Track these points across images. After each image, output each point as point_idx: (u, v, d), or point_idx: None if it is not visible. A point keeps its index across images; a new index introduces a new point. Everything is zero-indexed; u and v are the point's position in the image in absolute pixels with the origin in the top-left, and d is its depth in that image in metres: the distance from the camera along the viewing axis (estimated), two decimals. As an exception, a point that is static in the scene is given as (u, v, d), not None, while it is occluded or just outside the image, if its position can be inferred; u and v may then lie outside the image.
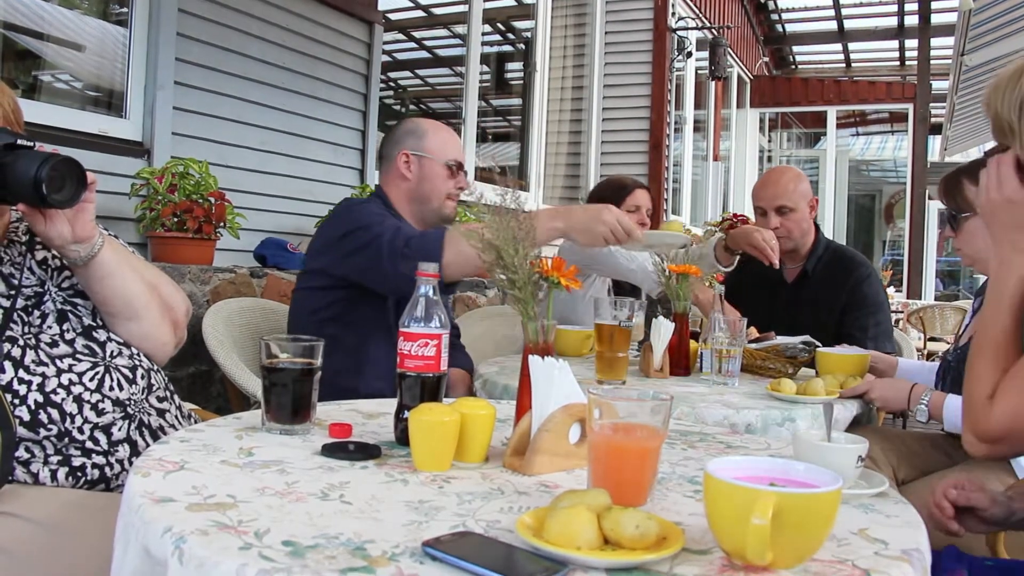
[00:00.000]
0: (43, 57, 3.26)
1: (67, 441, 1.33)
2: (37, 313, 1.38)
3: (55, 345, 1.37)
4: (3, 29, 3.00)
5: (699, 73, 8.44)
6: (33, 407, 1.30)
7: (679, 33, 7.32)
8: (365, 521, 0.88)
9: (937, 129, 10.67)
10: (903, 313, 8.21)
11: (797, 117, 13.28)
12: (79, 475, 1.33)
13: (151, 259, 2.86)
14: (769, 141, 13.36)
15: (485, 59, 5.95)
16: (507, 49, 7.53)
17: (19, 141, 1.29)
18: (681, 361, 2.27)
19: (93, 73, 3.34)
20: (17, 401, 1.30)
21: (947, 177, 1.98)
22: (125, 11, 3.18)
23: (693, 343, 2.33)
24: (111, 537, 0.93)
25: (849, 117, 13.88)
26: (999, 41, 5.52)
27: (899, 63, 13.39)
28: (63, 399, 1.33)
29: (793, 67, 13.76)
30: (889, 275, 10.28)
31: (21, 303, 1.37)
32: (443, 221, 2.23)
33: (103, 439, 1.36)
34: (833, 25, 12.43)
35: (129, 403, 1.41)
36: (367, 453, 1.14)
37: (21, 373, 1.31)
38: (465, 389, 2.29)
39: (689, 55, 7.50)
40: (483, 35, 5.60)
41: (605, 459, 1.00)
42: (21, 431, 1.29)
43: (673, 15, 7.24)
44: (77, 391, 1.35)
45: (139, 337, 1.46)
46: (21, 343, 1.33)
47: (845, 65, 13.75)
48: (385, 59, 5.33)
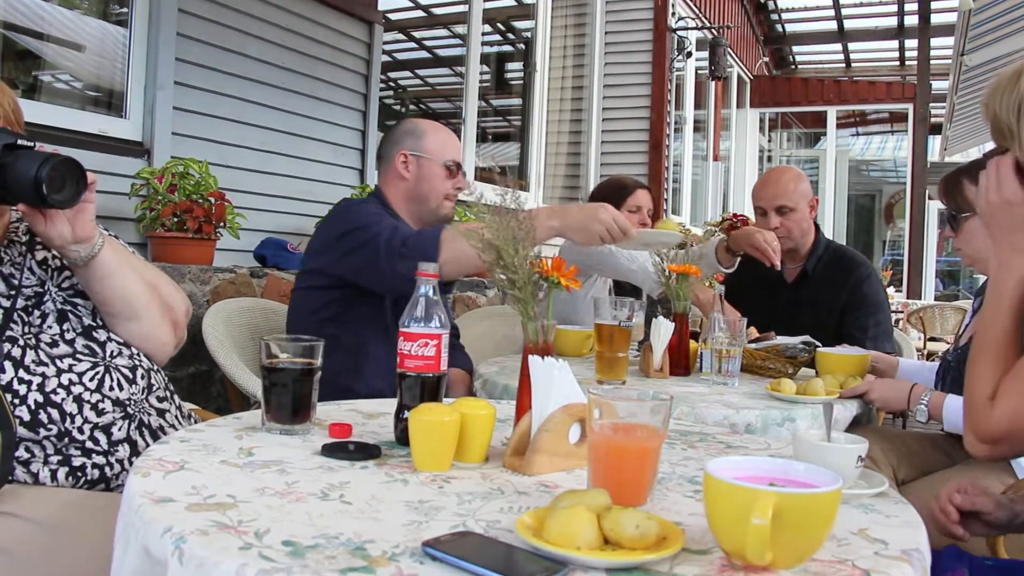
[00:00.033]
0: (43, 57, 3.26)
1: (67, 441, 1.33)
2: (37, 313, 1.38)
3: (55, 345, 1.37)
4: (3, 29, 3.00)
5: (699, 73, 8.44)
6: (33, 407, 1.30)
7: (679, 33, 7.32)
8: (365, 521, 0.88)
9: (937, 129, 10.67)
10: (903, 313, 8.21)
11: (797, 117, 13.28)
12: (79, 475, 1.33)
13: (151, 259, 2.86)
14: (769, 141, 13.36)
15: (485, 59, 5.94)
16: (507, 49, 7.53)
17: (19, 141, 1.29)
18: (681, 361, 2.27)
19: (93, 73, 3.35)
20: (17, 401, 1.30)
21: (947, 177, 1.98)
22: (125, 11, 3.18)
23: (693, 343, 2.33)
24: (111, 537, 0.93)
25: (849, 117, 13.87)
26: (999, 41, 5.52)
27: (899, 63, 13.39)
28: (63, 399, 1.33)
29: (793, 67, 13.76)
30: (889, 275, 10.28)
31: (21, 303, 1.37)
32: (441, 221, 2.23)
33: (103, 439, 1.36)
34: (833, 25, 12.43)
35: (129, 403, 1.41)
36: (367, 453, 1.14)
37: (21, 373, 1.31)
38: (465, 389, 2.29)
39: (689, 55, 7.50)
40: (483, 35, 5.59)
41: (605, 459, 1.00)
42: (21, 431, 1.29)
43: (673, 15, 7.24)
44: (77, 391, 1.35)
45: (139, 337, 1.46)
46: (21, 343, 1.33)
47: (845, 65, 13.74)
48: (385, 59, 5.33)
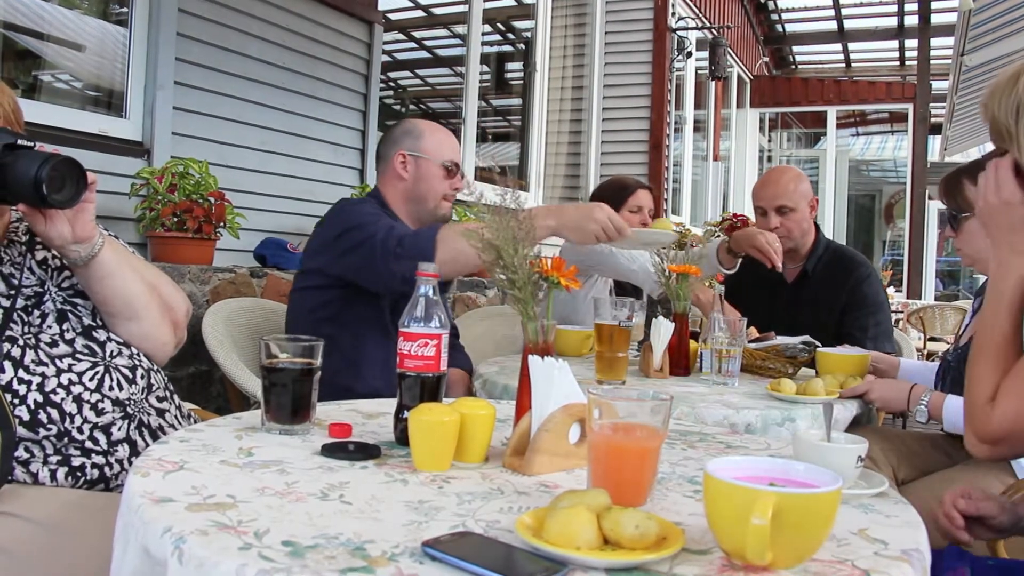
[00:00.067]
0: (43, 57, 3.26)
1: (67, 441, 1.33)
2: (37, 313, 1.38)
3: (55, 345, 1.37)
4: (3, 29, 3.00)
5: (699, 73, 8.44)
6: (33, 407, 1.30)
7: (679, 33, 7.32)
8: (365, 521, 0.88)
9: (937, 129, 10.67)
10: (903, 313, 8.21)
11: (797, 117, 13.28)
12: (79, 475, 1.33)
13: (151, 259, 2.86)
14: (769, 141, 13.36)
15: (485, 59, 5.94)
16: (507, 49, 7.52)
17: (19, 141, 1.29)
18: (681, 361, 2.27)
19: (93, 73, 3.34)
20: (17, 401, 1.30)
21: (947, 177, 1.98)
22: (125, 11, 3.18)
23: (693, 343, 2.33)
24: (111, 537, 0.93)
25: (849, 117, 13.87)
26: (999, 41, 5.52)
27: (899, 63, 13.39)
28: (63, 399, 1.33)
29: (793, 67, 13.76)
30: (889, 275, 10.28)
31: (21, 303, 1.37)
32: (439, 221, 2.23)
33: (103, 439, 1.36)
34: (833, 25, 12.43)
35: (129, 403, 1.41)
36: (367, 453, 1.14)
37: (21, 373, 1.31)
38: (464, 389, 2.29)
39: (689, 55, 7.50)
40: (483, 35, 5.60)
41: (605, 459, 1.00)
42: (21, 431, 1.29)
43: (673, 15, 7.24)
44: (77, 391, 1.35)
45: (139, 337, 1.46)
46: (21, 343, 1.33)
47: (845, 65, 13.74)
48: (385, 59, 5.33)
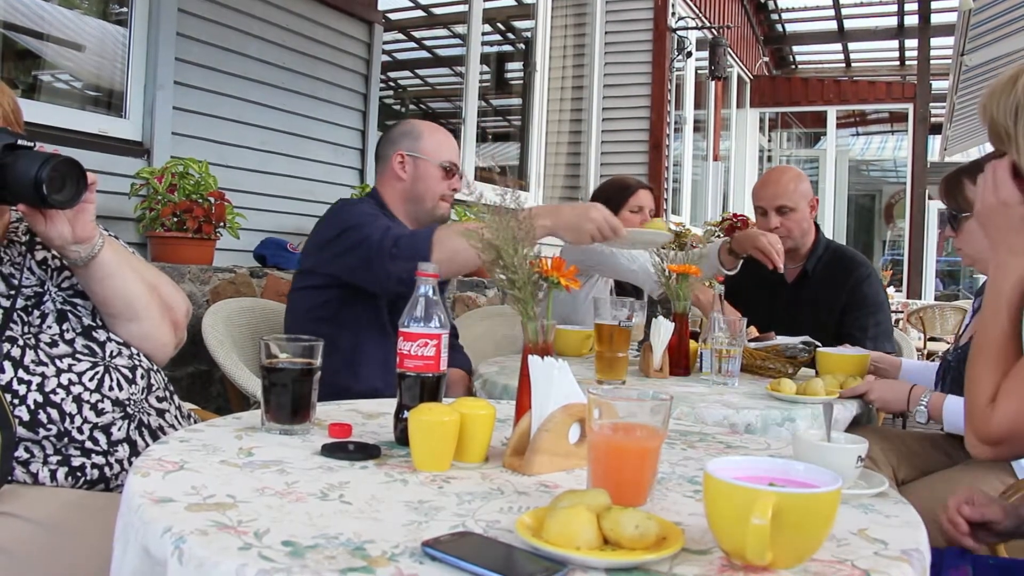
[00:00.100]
0: (43, 57, 3.26)
1: (66, 441, 1.33)
2: (37, 313, 1.38)
3: (55, 345, 1.37)
4: (3, 29, 3.00)
5: (699, 73, 8.43)
6: (32, 407, 1.30)
7: (679, 33, 7.32)
8: (365, 521, 0.88)
9: (937, 129, 10.67)
10: (903, 313, 8.21)
11: (797, 117, 13.28)
12: (78, 475, 1.33)
13: (151, 259, 2.86)
14: (769, 141, 13.36)
15: (485, 59, 5.94)
16: (507, 49, 7.53)
17: (19, 141, 1.29)
18: (681, 361, 2.27)
19: (93, 73, 3.34)
20: (17, 401, 1.30)
21: (948, 177, 1.98)
22: (125, 11, 3.18)
23: (693, 343, 2.33)
24: (111, 537, 0.93)
25: (849, 117, 13.88)
26: (999, 41, 5.52)
27: (899, 63, 13.39)
28: (63, 399, 1.33)
29: (793, 67, 13.76)
30: (889, 275, 10.28)
31: (21, 303, 1.37)
32: (437, 222, 2.23)
33: (102, 439, 1.36)
34: (833, 25, 12.43)
35: (129, 403, 1.41)
36: (367, 453, 1.14)
37: (21, 373, 1.31)
38: (464, 389, 2.29)
39: (689, 55, 7.50)
40: (483, 35, 5.59)
41: (605, 459, 1.00)
42: (20, 431, 1.29)
43: (673, 15, 7.24)
44: (77, 391, 1.35)
45: (139, 338, 1.46)
46: (21, 343, 1.33)
47: (845, 65, 13.74)
48: (385, 59, 5.33)
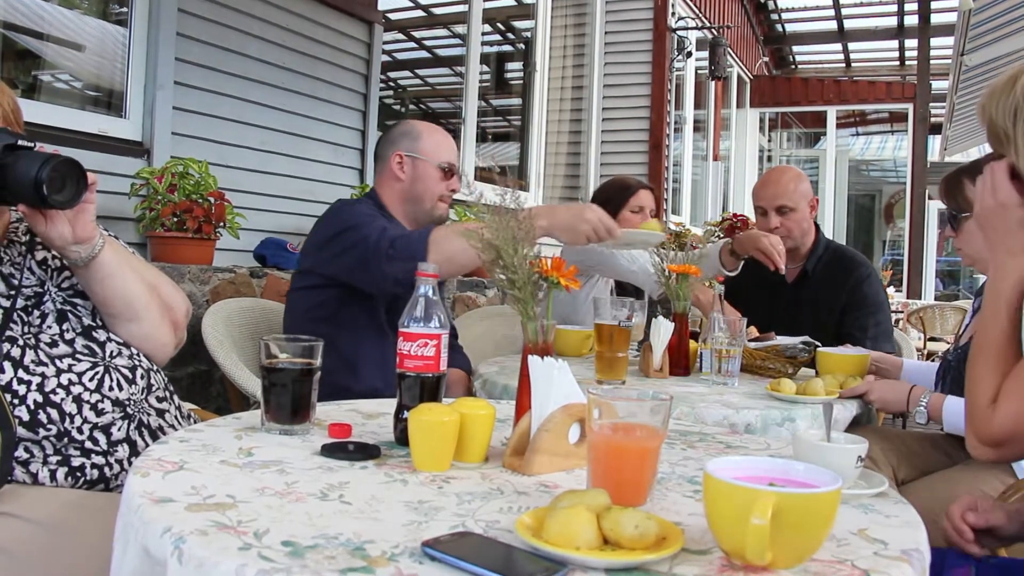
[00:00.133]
0: (43, 57, 3.26)
1: (66, 441, 1.33)
2: (37, 313, 1.38)
3: (55, 345, 1.37)
4: (3, 29, 3.00)
5: (699, 73, 8.43)
6: (32, 407, 1.30)
7: (679, 33, 7.32)
8: (365, 521, 0.88)
9: (937, 129, 10.67)
10: (903, 313, 8.21)
11: (797, 117, 13.28)
12: (78, 475, 1.33)
13: (150, 259, 2.86)
14: (769, 141, 13.36)
15: (485, 59, 5.94)
16: (507, 49, 7.53)
17: (19, 142, 1.29)
18: (681, 361, 2.27)
19: (93, 73, 3.34)
20: (16, 401, 1.30)
21: (948, 177, 1.98)
22: (125, 11, 3.18)
23: (693, 343, 2.33)
24: (110, 537, 0.93)
25: (849, 117, 13.87)
26: (999, 41, 5.52)
27: (899, 63, 13.39)
28: (62, 399, 1.33)
29: (793, 67, 13.76)
30: (889, 275, 10.28)
31: (21, 303, 1.37)
32: (435, 222, 2.24)
33: (102, 439, 1.36)
34: (833, 25, 12.43)
35: (128, 403, 1.41)
36: (367, 453, 1.14)
37: (20, 373, 1.31)
38: (463, 390, 2.29)
39: (689, 55, 7.50)
40: (483, 35, 5.59)
41: (605, 459, 1.00)
42: (20, 431, 1.29)
43: (673, 15, 7.23)
44: (76, 391, 1.35)
45: (139, 338, 1.46)
46: (21, 343, 1.33)
47: (845, 65, 13.74)
48: (385, 59, 5.33)
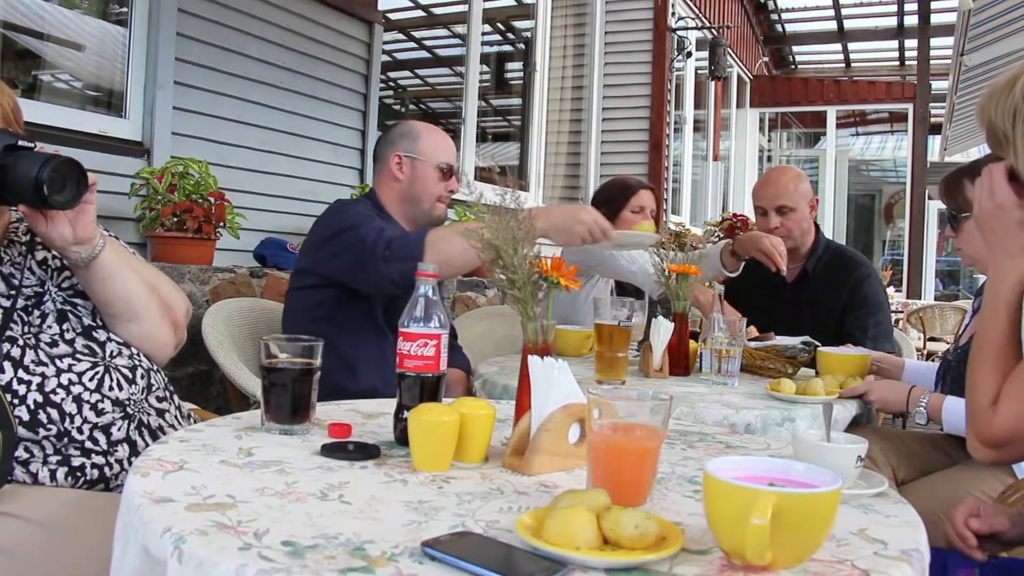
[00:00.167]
0: (43, 57, 3.26)
1: (66, 441, 1.33)
2: (37, 313, 1.38)
3: (55, 345, 1.37)
4: (3, 29, 3.00)
5: (699, 73, 8.43)
6: (32, 407, 1.30)
7: (679, 33, 7.32)
8: (364, 521, 0.88)
9: (937, 129, 10.67)
10: (903, 313, 8.21)
11: (797, 117, 13.28)
12: (78, 475, 1.33)
13: (150, 259, 2.86)
14: (769, 141, 13.36)
15: (485, 59, 5.94)
16: (507, 49, 7.53)
17: (20, 142, 1.29)
18: (681, 361, 2.27)
19: (93, 73, 3.34)
20: (16, 401, 1.30)
21: (948, 177, 1.98)
22: (125, 11, 3.18)
23: (692, 343, 2.33)
24: (110, 537, 0.93)
25: (849, 117, 13.87)
26: (999, 41, 5.52)
27: (899, 63, 13.39)
28: (63, 399, 1.33)
29: (793, 67, 13.76)
30: (889, 275, 10.28)
31: (21, 303, 1.37)
32: (433, 223, 2.24)
33: (102, 439, 1.36)
34: (833, 25, 12.43)
35: (129, 403, 1.41)
36: (366, 453, 1.14)
37: (20, 373, 1.31)
38: (463, 390, 2.29)
39: (689, 55, 7.50)
40: (483, 35, 5.59)
41: (604, 459, 1.00)
42: (20, 431, 1.29)
43: (673, 15, 7.23)
44: (77, 391, 1.35)
45: (140, 338, 1.46)
46: (21, 343, 1.33)
47: (845, 65, 13.74)
48: (385, 59, 5.33)
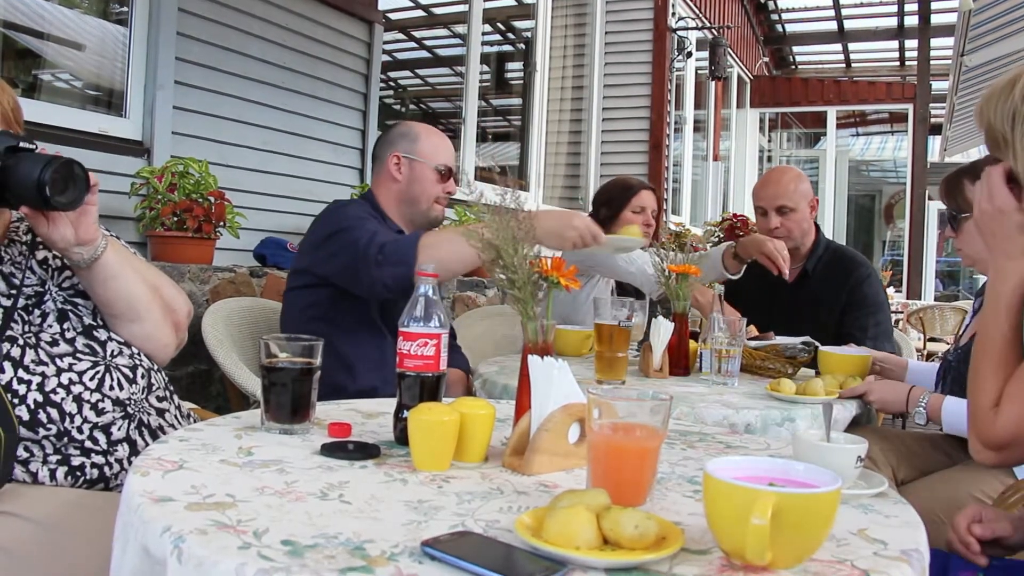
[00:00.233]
0: (43, 56, 3.26)
1: (66, 440, 1.33)
2: (37, 312, 1.38)
3: (55, 344, 1.37)
4: (3, 28, 3.00)
5: (699, 73, 8.44)
6: (33, 406, 1.30)
7: (679, 33, 7.32)
8: (364, 521, 0.88)
9: (937, 129, 10.67)
10: (903, 313, 8.21)
11: (797, 117, 13.28)
12: (78, 474, 1.33)
13: (151, 258, 2.86)
14: (769, 141, 13.36)
15: (485, 59, 5.94)
16: (507, 49, 7.53)
17: (21, 144, 1.29)
18: (680, 361, 2.27)
19: (93, 72, 3.34)
20: (17, 400, 1.30)
21: (948, 177, 1.98)
22: (125, 10, 3.18)
23: (692, 343, 2.33)
24: (110, 536, 0.93)
25: (849, 117, 13.87)
26: (999, 41, 5.52)
27: (899, 63, 13.39)
28: (63, 398, 1.33)
29: (793, 67, 13.76)
30: (889, 275, 10.28)
31: (22, 302, 1.37)
32: (431, 224, 2.25)
33: (102, 438, 1.36)
34: (833, 25, 12.43)
35: (129, 403, 1.41)
36: (366, 453, 1.14)
37: (21, 373, 1.31)
38: (462, 389, 2.29)
39: (689, 55, 7.50)
40: (483, 35, 5.59)
41: (604, 459, 1.00)
42: (20, 431, 1.29)
43: (673, 15, 7.23)
44: (77, 390, 1.35)
45: (141, 338, 1.46)
46: (21, 342, 1.33)
47: (845, 65, 13.75)
48: (385, 59, 5.32)
